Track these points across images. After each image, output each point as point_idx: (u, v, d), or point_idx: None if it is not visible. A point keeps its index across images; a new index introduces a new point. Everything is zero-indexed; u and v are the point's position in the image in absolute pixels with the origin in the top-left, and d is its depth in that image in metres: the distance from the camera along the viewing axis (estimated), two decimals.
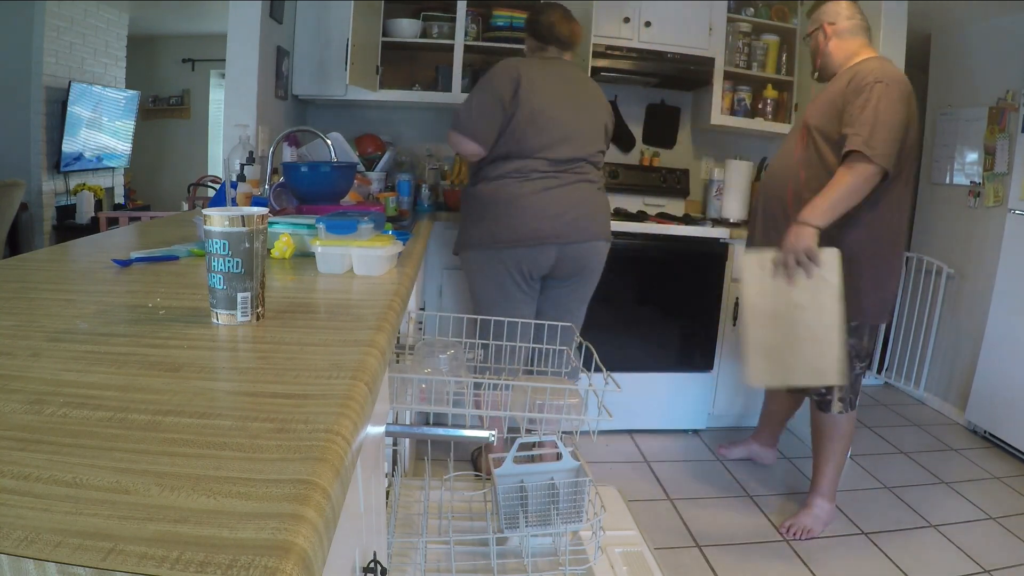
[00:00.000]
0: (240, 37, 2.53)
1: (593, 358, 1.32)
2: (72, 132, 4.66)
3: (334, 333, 0.87)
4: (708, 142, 3.50)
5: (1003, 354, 3.03)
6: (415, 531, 1.52)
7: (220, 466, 0.49)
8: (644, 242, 2.88)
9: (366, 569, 0.83)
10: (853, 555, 2.14)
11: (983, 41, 3.33)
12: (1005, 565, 2.10)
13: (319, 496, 0.47)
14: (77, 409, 0.58)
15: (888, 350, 3.91)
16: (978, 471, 2.81)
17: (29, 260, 1.27)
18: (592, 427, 1.21)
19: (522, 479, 1.39)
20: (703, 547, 2.16)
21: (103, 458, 0.50)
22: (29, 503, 0.43)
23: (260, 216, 0.88)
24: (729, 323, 2.99)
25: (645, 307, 2.94)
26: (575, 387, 1.30)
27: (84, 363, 0.70)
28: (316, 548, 0.43)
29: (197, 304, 0.97)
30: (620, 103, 3.38)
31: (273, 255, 1.39)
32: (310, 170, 1.88)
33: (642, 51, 2.99)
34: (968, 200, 3.42)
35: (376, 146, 3.06)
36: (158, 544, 0.40)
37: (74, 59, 4.79)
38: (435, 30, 3.03)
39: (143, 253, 1.31)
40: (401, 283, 1.22)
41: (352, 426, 0.60)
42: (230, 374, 0.72)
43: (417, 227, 2.28)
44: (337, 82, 2.92)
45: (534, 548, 1.48)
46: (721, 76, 3.11)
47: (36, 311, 0.90)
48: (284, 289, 1.15)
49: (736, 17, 3.12)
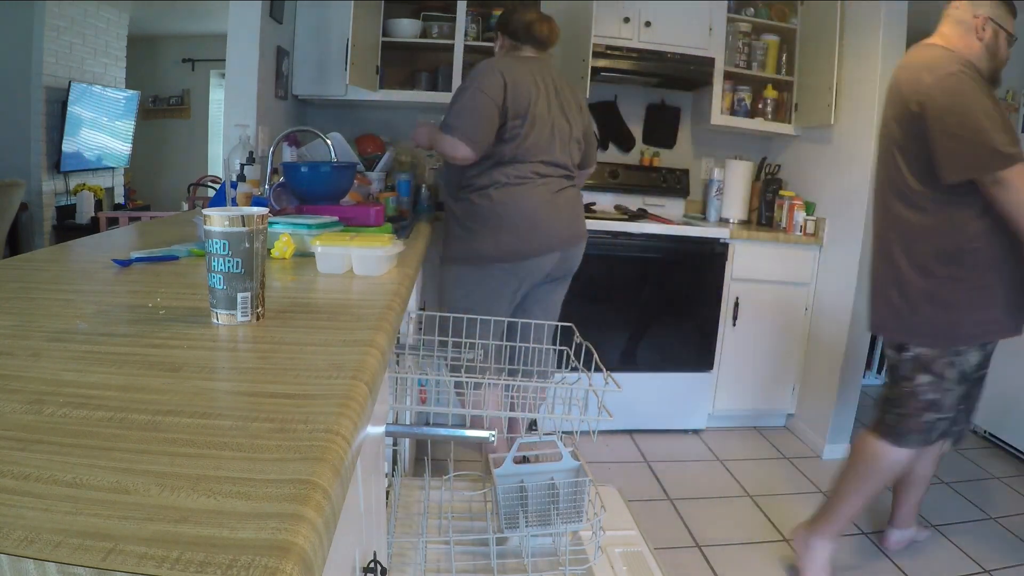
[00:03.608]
0: (240, 37, 2.53)
1: (593, 358, 1.32)
2: (72, 132, 4.66)
3: (334, 333, 0.87)
4: (708, 142, 3.50)
5: (1003, 354, 3.02)
6: (415, 531, 1.52)
7: (220, 466, 0.49)
8: (644, 242, 2.88)
9: (366, 569, 0.83)
10: (853, 555, 2.14)
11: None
12: (1005, 565, 2.10)
13: (319, 496, 0.47)
14: (77, 409, 0.58)
15: None
16: (978, 471, 2.81)
17: (29, 260, 1.27)
18: (592, 427, 1.21)
19: (522, 479, 1.39)
20: (703, 547, 2.16)
21: (103, 458, 0.50)
22: (29, 503, 0.43)
23: (260, 216, 0.88)
24: (729, 323, 3.00)
25: (645, 307, 2.94)
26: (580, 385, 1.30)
27: (84, 363, 0.70)
28: (316, 548, 0.43)
29: (197, 304, 0.97)
30: (620, 103, 3.38)
31: (273, 255, 1.39)
32: (310, 170, 1.88)
33: (642, 51, 2.99)
34: None
35: (376, 146, 3.06)
36: (158, 544, 0.40)
37: (74, 59, 4.79)
38: (435, 30, 3.03)
39: (143, 253, 1.31)
40: (401, 283, 1.22)
41: (352, 426, 0.60)
42: (230, 374, 0.72)
43: (417, 227, 2.28)
44: (337, 82, 2.92)
45: (534, 548, 1.48)
46: (721, 76, 3.11)
47: (36, 311, 0.90)
48: (284, 289, 1.15)
49: (736, 17, 3.12)
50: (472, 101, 2.07)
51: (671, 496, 2.49)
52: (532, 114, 2.11)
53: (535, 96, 2.13)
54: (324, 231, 1.50)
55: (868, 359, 3.24)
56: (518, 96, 2.09)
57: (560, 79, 2.27)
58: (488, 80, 2.08)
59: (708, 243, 2.91)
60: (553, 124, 2.17)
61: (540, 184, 2.15)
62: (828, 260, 2.97)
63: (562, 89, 2.24)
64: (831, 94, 2.89)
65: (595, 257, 2.86)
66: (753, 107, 3.27)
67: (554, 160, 2.17)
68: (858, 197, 2.76)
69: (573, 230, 2.23)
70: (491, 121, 2.07)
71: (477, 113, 2.06)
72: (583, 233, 2.29)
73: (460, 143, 2.06)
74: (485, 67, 2.13)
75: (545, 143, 2.15)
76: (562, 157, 2.19)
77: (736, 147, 3.47)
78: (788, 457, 2.89)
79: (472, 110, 2.06)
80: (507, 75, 2.09)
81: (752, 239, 2.95)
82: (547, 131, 2.15)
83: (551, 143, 2.16)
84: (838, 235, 2.91)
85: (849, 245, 2.82)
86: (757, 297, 3.00)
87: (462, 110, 2.08)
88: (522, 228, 2.12)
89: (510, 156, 2.12)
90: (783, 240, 2.98)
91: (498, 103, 2.07)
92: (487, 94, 2.06)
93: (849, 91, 2.84)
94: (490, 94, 2.06)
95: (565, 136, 2.21)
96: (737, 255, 2.95)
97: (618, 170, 3.35)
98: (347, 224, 1.69)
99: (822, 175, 3.04)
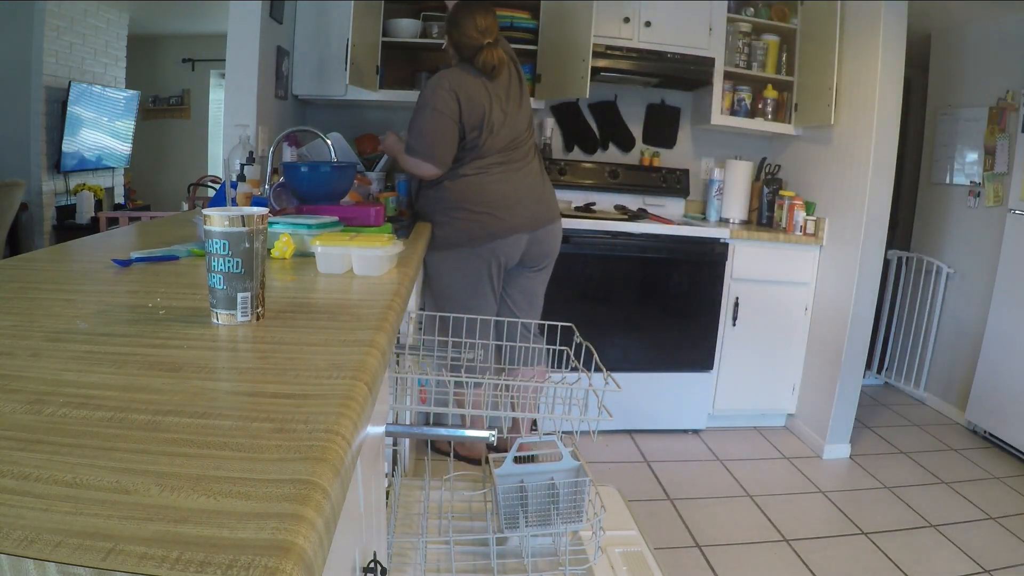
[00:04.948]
0: (240, 37, 2.53)
1: (593, 358, 1.31)
2: (72, 132, 4.66)
3: (334, 333, 0.87)
4: (708, 142, 3.50)
5: (1003, 354, 3.03)
6: (415, 531, 1.52)
7: (220, 466, 0.49)
8: (644, 242, 2.88)
9: (366, 569, 0.83)
10: (853, 555, 2.14)
11: (983, 41, 3.33)
12: (1005, 565, 2.10)
13: (319, 496, 0.47)
14: (77, 409, 0.58)
15: (888, 350, 3.91)
16: (978, 471, 2.81)
17: (29, 260, 1.27)
18: (592, 427, 1.21)
19: (522, 479, 1.39)
20: (703, 547, 2.16)
21: (103, 458, 0.50)
22: (29, 503, 0.43)
23: (260, 216, 0.88)
24: (729, 323, 3.00)
25: (645, 307, 2.94)
26: (582, 385, 1.30)
27: (84, 363, 0.70)
28: (316, 548, 0.43)
29: (197, 304, 0.97)
30: (620, 103, 3.38)
31: (273, 255, 1.39)
32: (310, 170, 1.88)
33: (642, 51, 2.99)
34: (968, 200, 3.42)
35: (376, 146, 3.06)
36: (158, 544, 0.39)
37: (74, 59, 4.79)
38: (435, 30, 3.02)
39: (143, 253, 1.31)
40: (401, 283, 1.22)
41: (352, 426, 0.60)
42: (230, 374, 0.72)
43: (417, 227, 2.28)
44: (337, 82, 2.92)
45: (534, 548, 1.47)
46: (721, 76, 3.11)
47: (36, 311, 0.90)
48: (284, 289, 1.15)
49: (736, 17, 3.12)
50: (430, 123, 2.18)
51: (671, 496, 2.49)
52: (488, 123, 2.23)
53: (488, 106, 2.23)
54: (324, 231, 1.50)
55: (868, 359, 3.24)
56: (472, 110, 2.20)
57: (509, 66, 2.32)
58: (442, 99, 2.17)
59: (708, 243, 2.91)
60: (507, 123, 2.28)
61: (497, 172, 2.27)
62: (828, 260, 2.97)
63: (512, 82, 2.31)
64: (831, 94, 2.89)
65: (595, 257, 2.86)
66: (753, 107, 3.27)
67: (510, 147, 2.29)
68: (858, 197, 2.76)
69: (540, 212, 2.34)
70: (451, 137, 2.20)
71: (436, 133, 2.18)
72: (553, 216, 2.39)
73: (423, 163, 2.21)
74: (436, 84, 2.21)
75: (502, 141, 2.27)
76: (517, 142, 2.31)
77: (736, 147, 3.47)
78: (788, 457, 2.89)
79: (431, 131, 2.18)
80: (460, 91, 2.19)
81: (752, 239, 2.95)
82: (504, 132, 2.27)
83: (508, 138, 2.28)
84: (838, 235, 2.91)
85: (849, 245, 2.82)
86: (757, 297, 3.00)
87: (421, 132, 2.20)
88: (483, 213, 2.25)
89: (470, 158, 2.25)
90: (783, 240, 2.98)
91: (455, 119, 2.19)
92: (444, 113, 2.17)
93: (849, 91, 2.84)
94: (446, 112, 2.17)
95: (521, 127, 2.33)
96: (737, 255, 2.95)
97: (618, 170, 3.35)
98: (347, 224, 1.69)
99: (822, 175, 3.04)
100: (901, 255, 3.84)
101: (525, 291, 2.47)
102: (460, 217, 2.26)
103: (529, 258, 2.38)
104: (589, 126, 3.38)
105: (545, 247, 2.39)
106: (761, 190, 3.28)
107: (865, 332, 2.84)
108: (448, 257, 2.30)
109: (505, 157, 2.29)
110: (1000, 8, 3.13)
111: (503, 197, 2.27)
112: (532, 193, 2.34)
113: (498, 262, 2.31)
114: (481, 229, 2.25)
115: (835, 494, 2.56)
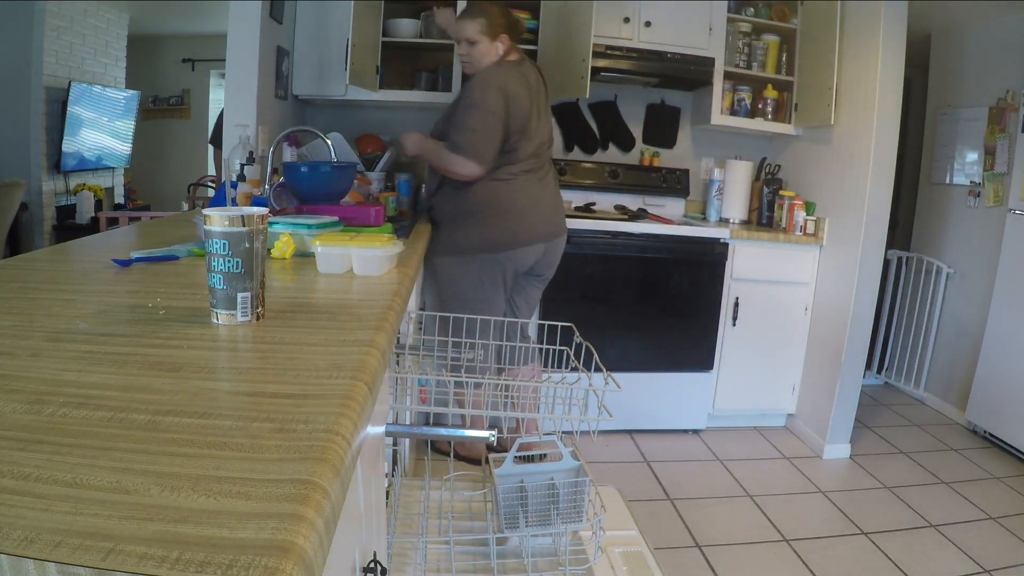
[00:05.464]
0: (240, 37, 2.53)
1: (593, 358, 1.31)
2: (72, 132, 4.66)
3: (334, 333, 0.87)
4: (708, 142, 3.50)
5: (1003, 354, 3.03)
6: (415, 531, 1.52)
7: (220, 466, 0.49)
8: (644, 242, 2.88)
9: (366, 569, 0.83)
10: (853, 555, 2.14)
11: (983, 41, 3.33)
12: (1005, 565, 2.10)
13: (319, 496, 0.47)
14: (77, 409, 0.58)
15: (888, 350, 3.91)
16: (978, 471, 2.81)
17: (29, 260, 1.27)
18: (592, 427, 1.21)
19: (522, 479, 1.39)
20: (703, 547, 2.16)
21: (103, 458, 0.50)
22: (29, 503, 0.43)
23: (260, 216, 0.88)
24: (729, 323, 3.00)
25: (645, 307, 2.94)
26: (583, 385, 1.30)
27: (84, 363, 0.70)
28: (316, 548, 0.43)
29: (197, 304, 0.97)
30: (620, 103, 3.38)
31: (273, 255, 1.39)
32: (310, 170, 1.88)
33: (642, 51, 2.99)
34: (968, 200, 3.42)
35: (376, 146, 3.06)
36: (158, 544, 0.40)
37: (74, 59, 4.79)
38: (435, 30, 3.02)
39: (143, 253, 1.31)
40: (401, 283, 1.22)
41: (352, 426, 0.60)
42: (230, 374, 0.72)
43: (417, 227, 2.28)
44: (337, 82, 2.92)
45: (534, 548, 1.47)
46: (721, 76, 3.11)
47: (36, 311, 0.90)
48: (284, 289, 1.15)
49: (736, 17, 3.12)
50: (481, 122, 2.17)
51: (671, 496, 2.49)
52: (529, 128, 2.25)
53: (529, 110, 2.25)
54: (324, 231, 1.50)
55: (868, 359, 3.24)
56: (518, 113, 2.21)
57: (537, 75, 2.38)
58: (492, 99, 2.17)
59: (708, 243, 2.91)
60: (539, 129, 2.32)
61: (524, 180, 2.28)
62: (828, 260, 2.97)
63: (539, 89, 2.35)
64: (831, 94, 2.89)
65: (595, 257, 2.86)
66: (753, 107, 3.26)
67: (535, 154, 2.31)
68: (858, 197, 2.76)
69: (556, 223, 2.39)
70: (498, 137, 2.20)
71: (486, 133, 2.17)
72: (563, 228, 2.45)
73: (470, 162, 2.18)
74: (486, 82, 2.20)
75: (532, 148, 2.29)
76: (540, 150, 2.34)
77: (736, 147, 3.47)
78: (788, 457, 2.89)
79: (481, 130, 2.17)
80: (507, 91, 2.20)
81: (752, 239, 2.95)
82: (536, 138, 2.30)
83: (536, 144, 2.31)
84: (838, 235, 2.91)
85: (849, 245, 2.82)
86: (757, 297, 3.00)
87: (472, 130, 2.17)
88: (509, 220, 2.26)
89: (503, 163, 2.25)
90: (783, 240, 2.98)
91: (503, 120, 2.19)
92: (494, 113, 2.17)
93: (849, 91, 2.84)
94: (495, 111, 2.17)
95: (544, 135, 2.36)
96: (737, 255, 2.95)
97: (618, 170, 3.35)
98: (347, 224, 1.69)
99: (822, 175, 3.04)
100: (901, 255, 3.84)
101: (528, 297, 2.50)
102: (485, 222, 2.25)
103: (540, 266, 2.40)
104: (589, 126, 3.38)
105: (554, 257, 2.43)
106: (761, 190, 3.28)
107: (865, 332, 2.84)
108: (465, 261, 2.29)
109: (531, 165, 2.30)
110: (1000, 8, 3.13)
111: (529, 206, 2.28)
112: (552, 203, 2.38)
113: (514, 269, 2.33)
114: (505, 236, 2.26)
115: (835, 494, 2.56)
